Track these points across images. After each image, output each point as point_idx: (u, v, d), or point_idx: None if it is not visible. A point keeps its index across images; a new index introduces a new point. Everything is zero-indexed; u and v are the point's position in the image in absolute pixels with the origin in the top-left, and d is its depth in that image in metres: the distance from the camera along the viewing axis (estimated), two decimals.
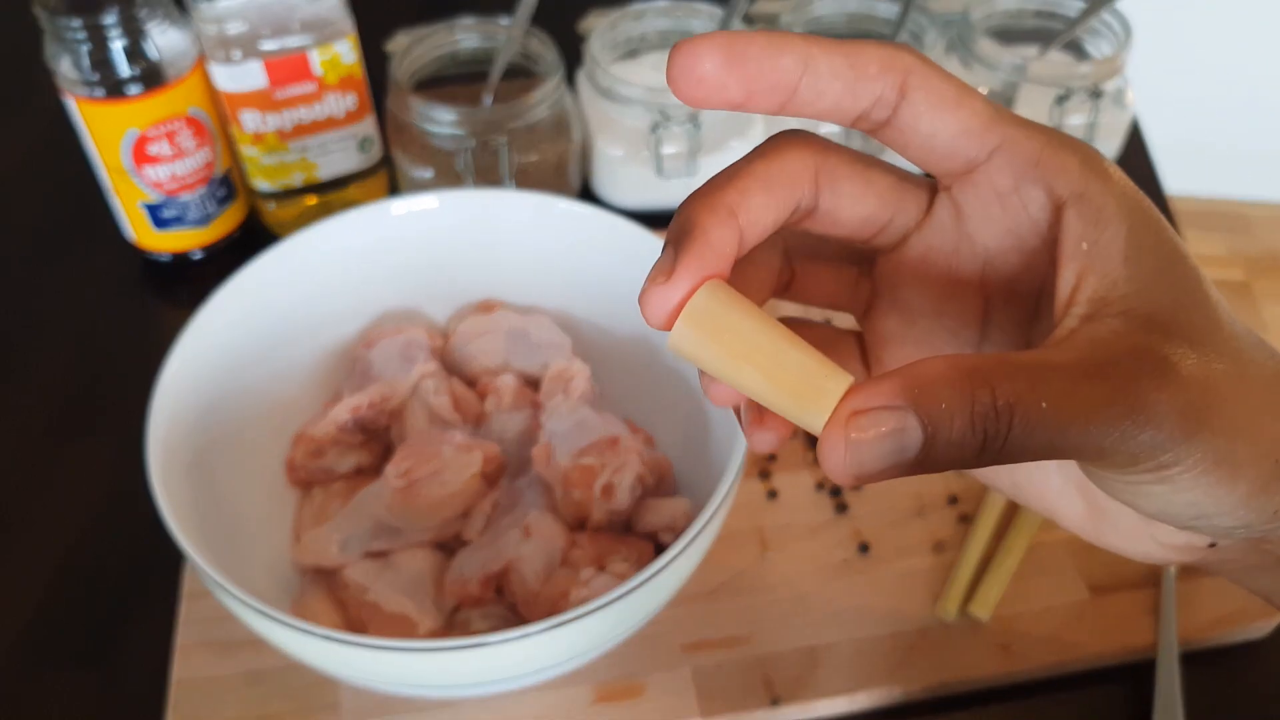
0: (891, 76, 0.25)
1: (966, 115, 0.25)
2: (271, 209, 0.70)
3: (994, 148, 0.26)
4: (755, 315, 0.24)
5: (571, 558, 0.48)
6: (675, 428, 0.54)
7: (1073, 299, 0.25)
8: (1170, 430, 0.23)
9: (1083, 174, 0.25)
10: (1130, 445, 0.23)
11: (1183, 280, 0.25)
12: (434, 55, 0.70)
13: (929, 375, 0.22)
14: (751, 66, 0.24)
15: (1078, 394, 0.23)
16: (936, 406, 0.22)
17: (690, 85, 0.24)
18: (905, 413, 0.22)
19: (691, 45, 0.24)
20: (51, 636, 0.52)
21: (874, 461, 0.23)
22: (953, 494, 0.57)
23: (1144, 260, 0.25)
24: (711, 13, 0.73)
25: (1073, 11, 0.74)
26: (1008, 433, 0.22)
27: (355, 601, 0.48)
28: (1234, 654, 0.51)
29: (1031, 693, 0.50)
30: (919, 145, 0.26)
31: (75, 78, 0.59)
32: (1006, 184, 0.26)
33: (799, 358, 0.24)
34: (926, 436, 0.22)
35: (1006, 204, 0.26)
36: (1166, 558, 0.30)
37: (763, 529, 0.55)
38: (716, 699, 0.49)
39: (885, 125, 0.25)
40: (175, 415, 0.46)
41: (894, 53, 0.25)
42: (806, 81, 0.24)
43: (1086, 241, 0.25)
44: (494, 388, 0.55)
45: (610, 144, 0.70)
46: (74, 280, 0.70)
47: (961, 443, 0.22)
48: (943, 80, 0.25)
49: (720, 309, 0.24)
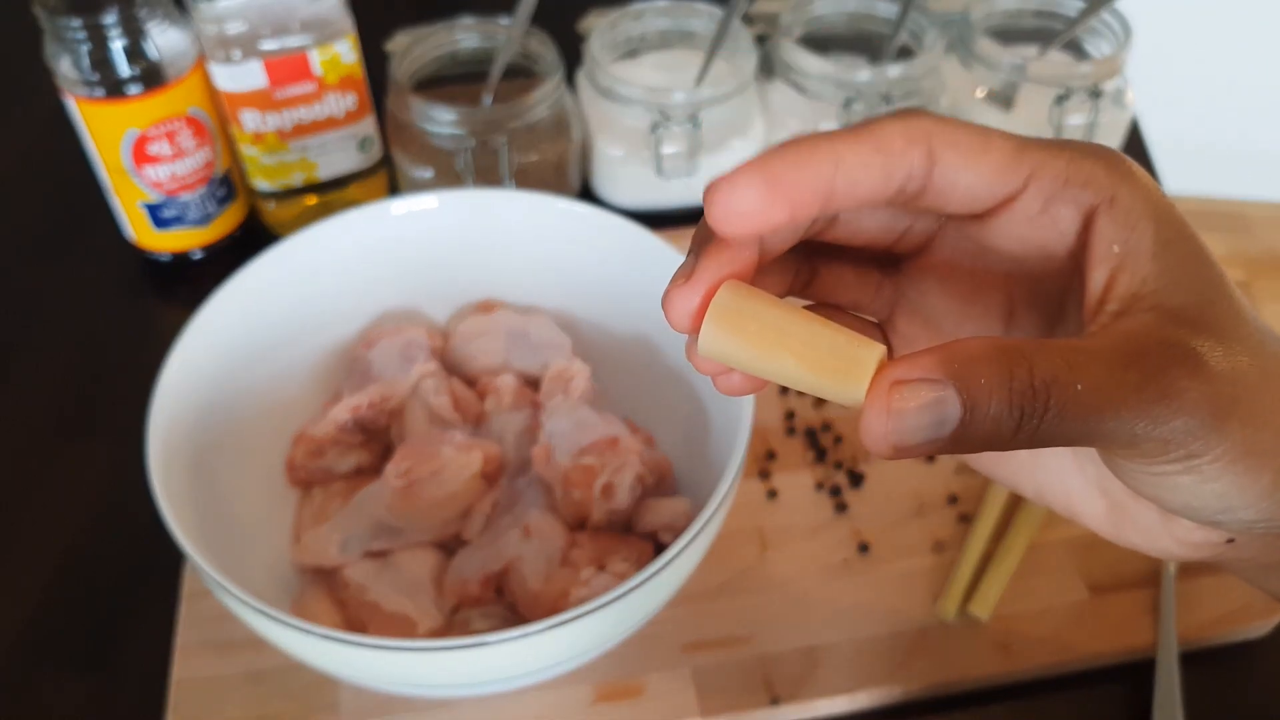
0: (918, 147, 0.25)
1: (996, 158, 0.25)
2: (271, 209, 0.70)
3: (1026, 177, 0.26)
4: (778, 304, 0.25)
5: (571, 557, 0.48)
6: (675, 428, 0.54)
7: (1105, 298, 0.25)
8: (1201, 417, 0.24)
9: (1110, 179, 0.26)
10: (1161, 431, 0.24)
11: (1207, 276, 0.25)
12: (434, 55, 0.70)
13: (969, 352, 0.23)
14: (788, 187, 0.24)
15: (1112, 378, 0.23)
16: (975, 382, 0.23)
17: (736, 222, 0.24)
18: (945, 385, 0.23)
19: (727, 184, 0.24)
20: (51, 637, 0.52)
21: (914, 433, 0.23)
22: (952, 494, 0.57)
23: (1170, 257, 0.25)
24: (711, 12, 0.73)
25: (1073, 11, 0.74)
26: (1044, 413, 0.23)
27: (355, 601, 0.48)
28: (1233, 654, 0.51)
29: (1031, 692, 0.50)
30: (959, 199, 0.26)
31: (75, 78, 0.59)
32: (1036, 207, 0.26)
33: (829, 335, 0.24)
34: (965, 411, 0.23)
35: (1035, 224, 0.27)
36: (1185, 555, 0.30)
37: (763, 529, 0.55)
38: (716, 698, 0.49)
39: (923, 193, 0.26)
40: (175, 415, 0.46)
41: (912, 122, 0.25)
42: (841, 179, 0.25)
43: (1118, 244, 0.25)
44: (494, 388, 0.55)
45: (610, 144, 0.70)
46: (74, 280, 0.70)
47: (999, 419, 0.23)
48: (963, 132, 0.25)
49: (743, 303, 0.25)
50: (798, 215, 0.25)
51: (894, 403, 0.23)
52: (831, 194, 0.25)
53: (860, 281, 0.31)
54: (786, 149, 0.25)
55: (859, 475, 0.57)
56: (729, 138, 0.71)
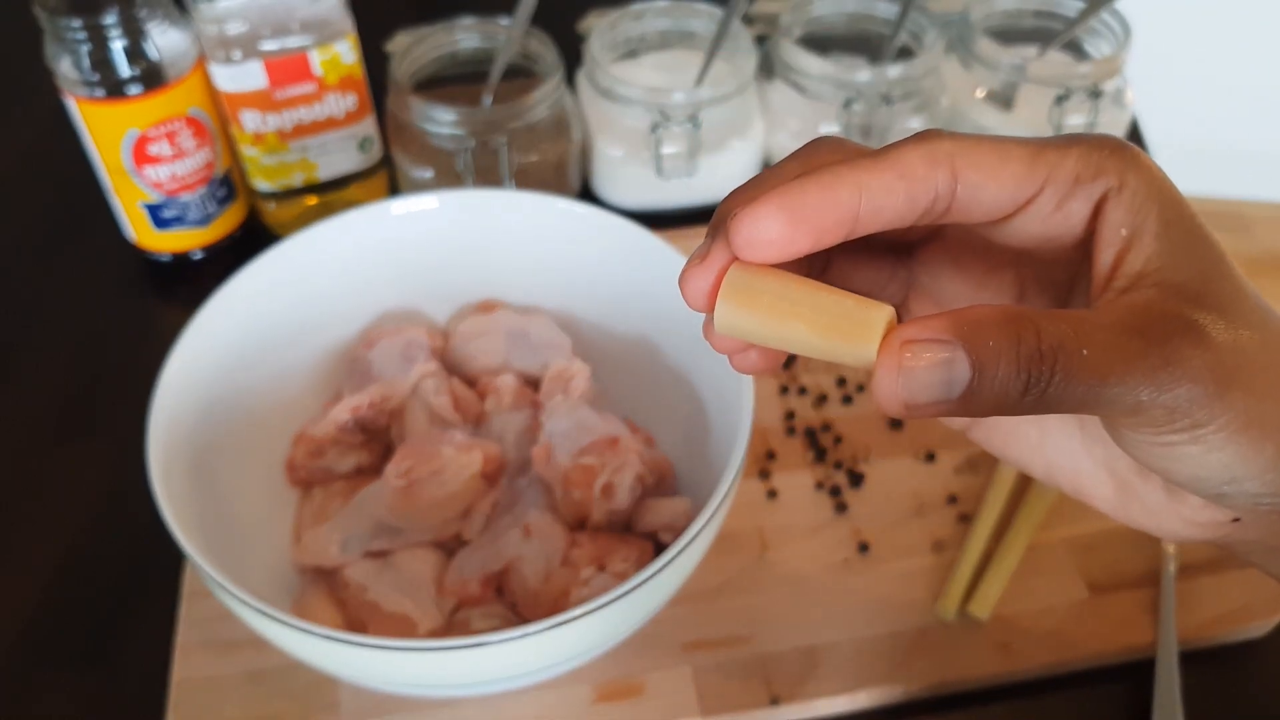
0: (941, 170, 0.26)
1: (1014, 169, 0.26)
2: (272, 209, 0.70)
3: (1042, 182, 0.27)
4: (788, 277, 0.26)
5: (571, 557, 0.48)
6: (675, 428, 0.54)
7: (1112, 276, 0.26)
8: (1205, 385, 0.25)
9: (1118, 167, 0.26)
10: (1166, 399, 0.25)
11: (1208, 255, 0.27)
12: (434, 55, 0.70)
13: (979, 317, 0.24)
14: (812, 217, 0.25)
15: (1117, 345, 0.24)
16: (984, 344, 0.24)
17: (760, 250, 0.26)
18: (954, 347, 0.24)
19: (750, 214, 0.25)
20: (52, 636, 0.52)
21: (923, 391, 0.24)
22: (952, 494, 0.57)
23: (1173, 237, 0.26)
24: (711, 12, 0.73)
25: (1072, 11, 0.74)
26: (1050, 377, 0.24)
27: (355, 601, 0.48)
28: (1233, 653, 0.52)
29: (1031, 692, 0.50)
30: (982, 212, 0.27)
31: (75, 78, 0.59)
32: (1050, 207, 0.27)
33: (837, 300, 0.26)
34: (974, 372, 0.24)
35: (1049, 220, 0.27)
36: (1191, 536, 0.31)
37: (763, 529, 0.55)
38: (716, 698, 0.49)
39: (947, 211, 0.27)
40: (176, 415, 0.47)
41: (933, 145, 0.26)
42: (865, 206, 0.26)
43: (1125, 228, 0.26)
44: (494, 388, 0.55)
45: (610, 144, 0.70)
46: (74, 280, 0.70)
47: (1006, 382, 0.24)
48: (982, 150, 0.26)
49: (753, 279, 0.26)
50: (822, 242, 0.26)
51: (905, 361, 0.24)
52: (856, 221, 0.26)
53: (874, 267, 0.32)
54: (809, 181, 0.25)
55: (859, 475, 0.57)
56: (729, 138, 0.71)
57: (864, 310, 0.25)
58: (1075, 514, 0.55)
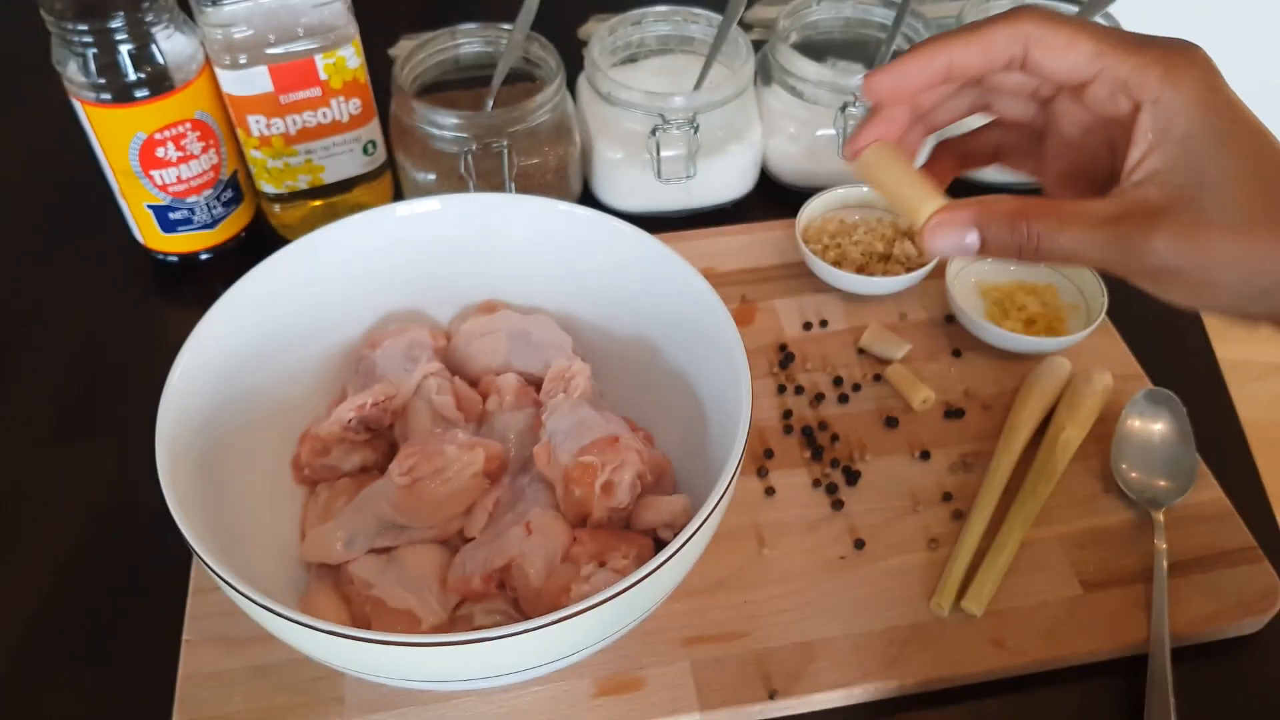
0: (1016, 46, 0.38)
1: (1073, 59, 0.38)
2: (277, 211, 0.70)
3: (1096, 73, 0.37)
4: (898, 163, 0.41)
5: (573, 554, 0.49)
6: (675, 426, 0.55)
7: (1134, 170, 0.36)
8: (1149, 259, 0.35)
9: (1160, 85, 0.36)
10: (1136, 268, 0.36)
11: (1225, 164, 0.35)
12: (437, 60, 0.71)
13: (994, 211, 0.37)
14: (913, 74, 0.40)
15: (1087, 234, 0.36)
16: (990, 230, 0.37)
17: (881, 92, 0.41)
18: (970, 231, 0.38)
19: (871, 75, 0.41)
20: (59, 632, 0.53)
21: (945, 249, 0.38)
22: (947, 491, 0.57)
23: (1194, 145, 0.35)
24: (710, 18, 0.74)
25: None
26: (1035, 251, 0.37)
27: (360, 597, 0.48)
28: (1225, 649, 0.52)
29: (1025, 686, 0.51)
30: (1046, 75, 0.39)
31: (82, 82, 0.60)
32: (1103, 95, 0.38)
33: (914, 184, 0.41)
34: (981, 245, 0.38)
35: (1104, 105, 0.38)
36: None
37: (760, 526, 0.56)
38: (715, 692, 0.49)
39: (1023, 67, 0.39)
40: (183, 415, 0.47)
41: (1015, 25, 0.38)
42: (955, 63, 0.39)
43: (1152, 133, 0.36)
44: (496, 387, 0.56)
45: (610, 147, 0.71)
46: (82, 281, 0.71)
47: (1004, 251, 0.37)
48: (1055, 33, 0.38)
49: (877, 158, 0.42)
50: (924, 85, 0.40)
51: (937, 232, 0.38)
52: (949, 72, 0.40)
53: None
54: (913, 50, 0.40)
55: (855, 473, 0.58)
56: (727, 142, 0.71)
57: (925, 198, 0.40)
58: (1068, 511, 0.56)
